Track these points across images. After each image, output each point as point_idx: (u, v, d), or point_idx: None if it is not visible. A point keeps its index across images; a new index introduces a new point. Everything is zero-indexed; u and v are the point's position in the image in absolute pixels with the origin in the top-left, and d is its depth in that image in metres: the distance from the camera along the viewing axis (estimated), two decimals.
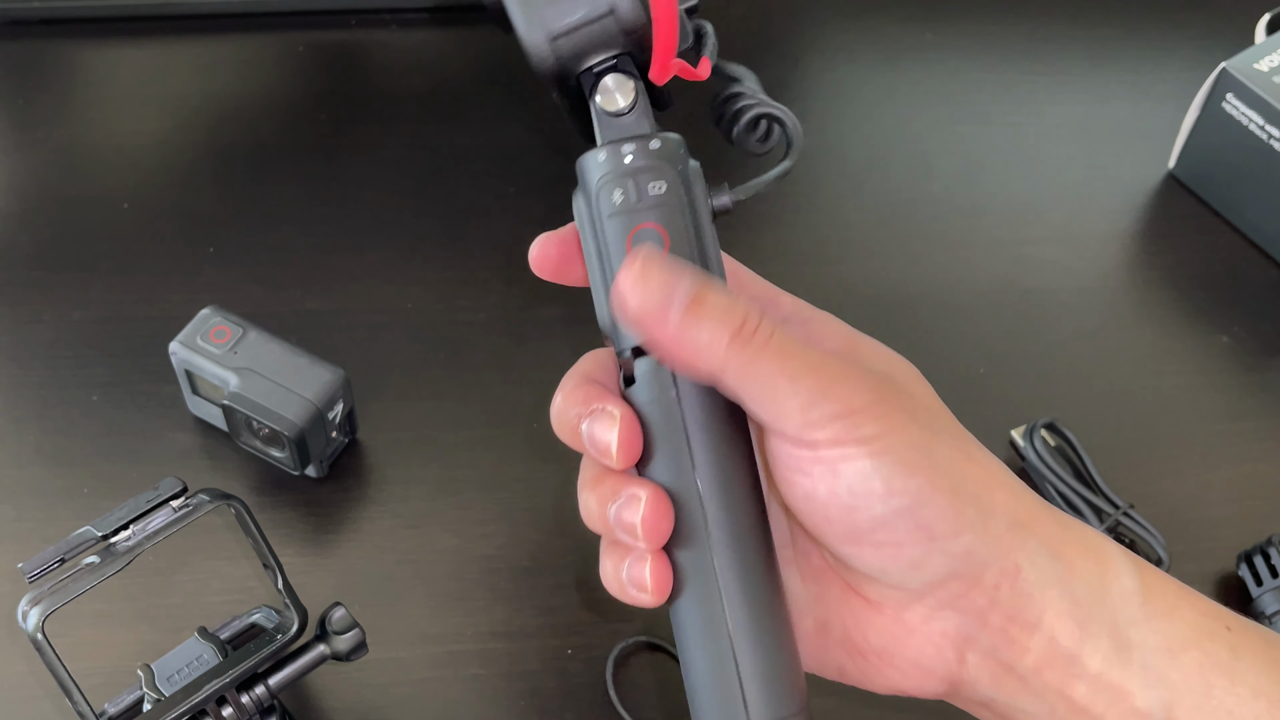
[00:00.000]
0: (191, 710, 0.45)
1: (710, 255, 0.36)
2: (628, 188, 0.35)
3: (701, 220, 0.36)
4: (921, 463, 0.33)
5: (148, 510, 0.44)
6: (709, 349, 0.33)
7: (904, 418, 0.33)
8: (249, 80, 0.73)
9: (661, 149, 0.35)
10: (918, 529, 0.33)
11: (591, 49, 0.36)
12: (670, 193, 0.35)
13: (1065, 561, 0.34)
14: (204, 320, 0.56)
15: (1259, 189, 0.67)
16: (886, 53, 0.77)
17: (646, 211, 0.35)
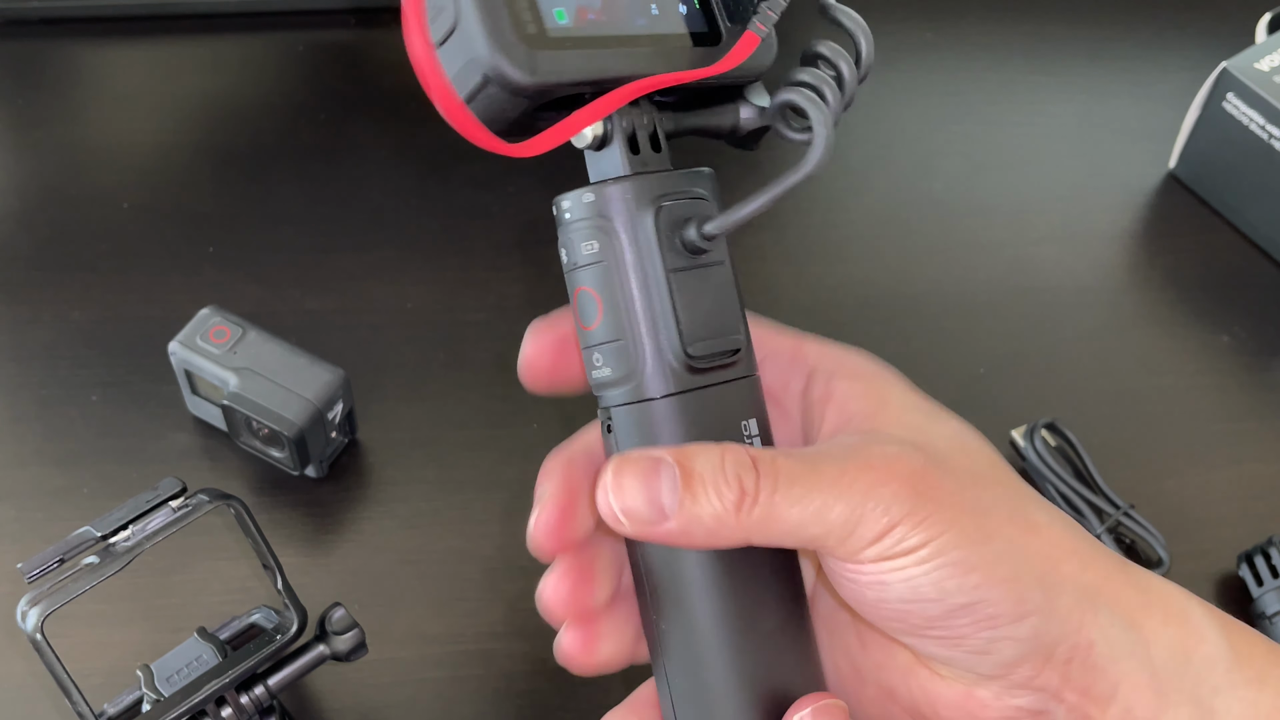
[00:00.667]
0: (191, 710, 0.45)
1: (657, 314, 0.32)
2: (567, 246, 0.33)
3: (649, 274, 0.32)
4: (975, 559, 0.31)
5: (147, 510, 0.44)
6: (721, 528, 0.31)
7: (950, 512, 0.31)
8: (249, 80, 0.73)
9: (594, 201, 0.32)
10: (978, 622, 0.31)
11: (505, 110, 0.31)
12: (602, 251, 0.32)
13: (1142, 629, 0.32)
14: (203, 320, 0.56)
15: (1259, 189, 0.67)
16: (886, 53, 0.77)
17: (580, 272, 0.33)
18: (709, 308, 0.33)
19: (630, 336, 0.32)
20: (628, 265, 0.32)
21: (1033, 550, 0.32)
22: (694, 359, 0.32)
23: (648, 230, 0.32)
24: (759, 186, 0.31)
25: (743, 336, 0.34)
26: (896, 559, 0.31)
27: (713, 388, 0.33)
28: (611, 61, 0.32)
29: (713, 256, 0.33)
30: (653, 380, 0.32)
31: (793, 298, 0.66)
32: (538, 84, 0.30)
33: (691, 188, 0.33)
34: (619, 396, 0.33)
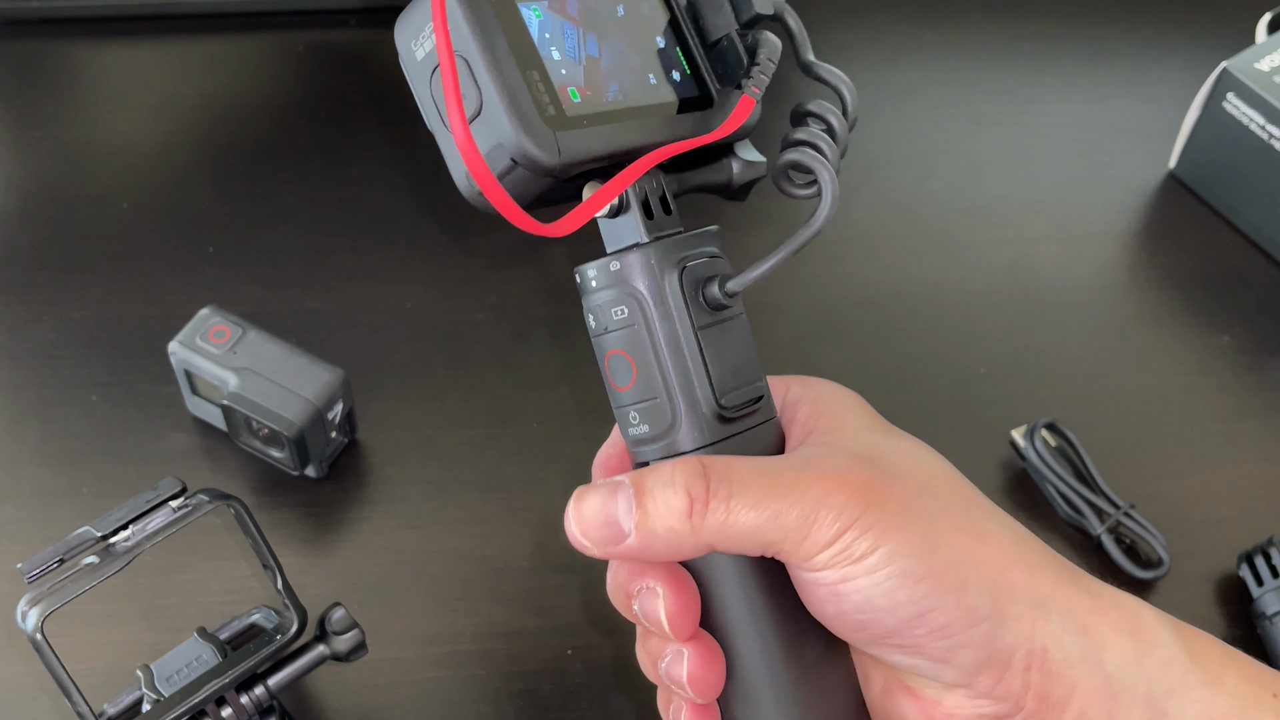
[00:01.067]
0: (191, 711, 0.45)
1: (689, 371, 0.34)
2: (596, 313, 0.35)
3: (678, 334, 0.34)
4: (923, 567, 0.32)
5: (147, 510, 0.44)
6: (676, 537, 0.33)
7: (898, 518, 0.33)
8: (249, 80, 0.73)
9: (620, 270, 0.34)
10: (932, 632, 0.32)
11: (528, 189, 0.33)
12: (632, 315, 0.34)
13: (1094, 634, 0.33)
14: (203, 320, 0.56)
15: (1259, 189, 0.67)
16: (886, 53, 0.77)
17: (611, 337, 0.35)
18: (735, 359, 0.35)
19: (665, 394, 0.34)
20: (658, 327, 0.34)
21: (981, 558, 0.33)
22: (726, 410, 0.34)
23: (675, 292, 0.34)
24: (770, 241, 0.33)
25: (764, 383, 0.36)
26: (848, 567, 0.32)
27: (742, 434, 0.35)
28: (626, 135, 0.34)
29: (733, 310, 0.35)
30: (689, 433, 0.34)
31: (793, 297, 0.66)
32: (563, 163, 0.32)
33: (706, 246, 0.35)
34: (656, 451, 0.35)
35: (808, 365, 0.63)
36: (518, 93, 0.32)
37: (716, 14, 0.36)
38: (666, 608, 0.34)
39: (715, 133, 0.35)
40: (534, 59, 0.33)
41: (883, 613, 0.32)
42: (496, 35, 0.32)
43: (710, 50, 0.37)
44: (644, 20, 0.36)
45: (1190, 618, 0.56)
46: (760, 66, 0.35)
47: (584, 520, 0.34)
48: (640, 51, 0.35)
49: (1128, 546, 0.57)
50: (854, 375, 0.63)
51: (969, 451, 0.60)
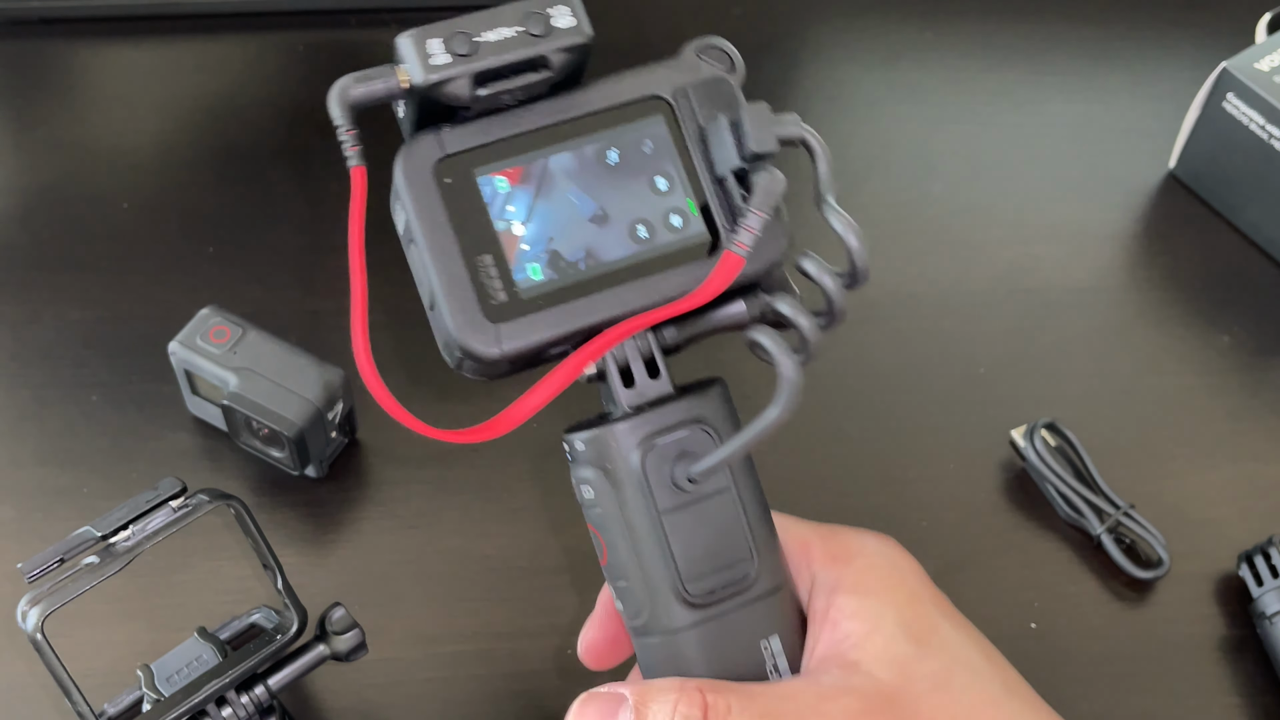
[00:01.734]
0: (191, 710, 0.45)
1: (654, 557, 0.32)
2: (575, 487, 0.34)
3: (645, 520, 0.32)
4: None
5: (147, 510, 0.44)
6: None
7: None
8: (249, 80, 0.73)
9: (587, 448, 0.33)
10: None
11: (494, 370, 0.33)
12: (598, 498, 0.33)
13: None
14: (203, 320, 0.56)
15: (1259, 189, 0.67)
16: (886, 52, 0.77)
17: (587, 513, 0.34)
18: (709, 543, 0.32)
19: (631, 579, 0.33)
20: (620, 510, 0.32)
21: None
22: (694, 597, 0.32)
23: (635, 475, 0.32)
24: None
25: (753, 563, 0.33)
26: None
27: (727, 616, 0.33)
28: (585, 310, 0.32)
29: (711, 487, 0.33)
30: (661, 616, 0.33)
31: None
32: (506, 356, 0.32)
33: (691, 416, 0.33)
34: (636, 628, 0.34)
35: (807, 365, 0.63)
36: (459, 285, 0.32)
37: (720, 147, 0.33)
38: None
39: (693, 298, 0.32)
40: (488, 240, 0.32)
41: None
42: (442, 223, 0.32)
43: (720, 186, 0.34)
44: (643, 160, 0.33)
45: (1190, 618, 0.56)
46: (747, 217, 0.32)
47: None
48: (634, 201, 0.33)
49: (1127, 546, 0.57)
50: (854, 375, 0.63)
51: (969, 451, 0.60)
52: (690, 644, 0.33)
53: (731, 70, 0.34)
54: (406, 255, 0.35)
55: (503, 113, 0.33)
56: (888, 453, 0.60)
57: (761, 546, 0.33)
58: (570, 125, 0.33)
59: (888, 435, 0.61)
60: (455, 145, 0.33)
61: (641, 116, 0.33)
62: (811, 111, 0.74)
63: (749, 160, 0.32)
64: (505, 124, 0.33)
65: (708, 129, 0.33)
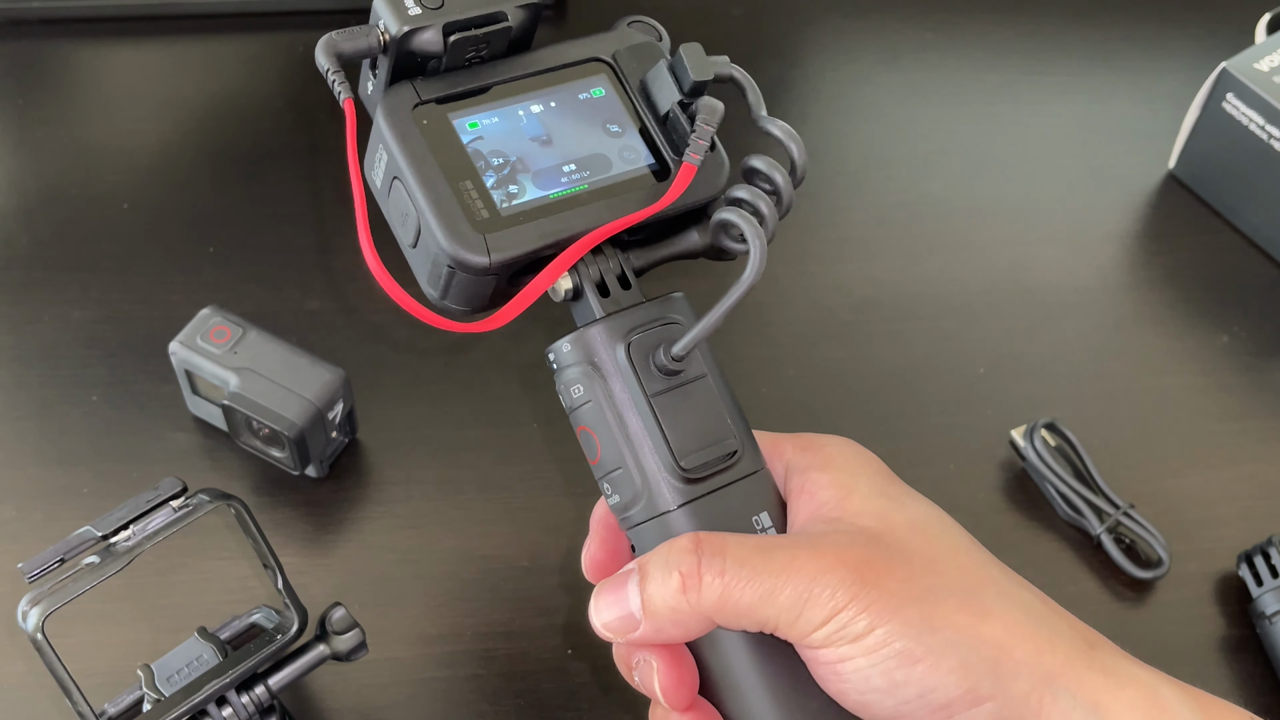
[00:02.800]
0: (191, 710, 0.45)
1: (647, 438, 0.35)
2: (562, 392, 0.36)
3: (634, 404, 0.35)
4: (920, 649, 0.32)
5: (148, 510, 0.44)
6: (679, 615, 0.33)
7: (897, 600, 0.33)
8: (249, 80, 0.73)
9: (571, 351, 0.36)
10: (934, 711, 0.33)
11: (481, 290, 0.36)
12: (588, 391, 0.35)
13: (1106, 712, 0.33)
14: (204, 320, 0.56)
15: (1259, 189, 0.67)
16: (887, 52, 0.77)
17: (576, 413, 0.36)
18: (696, 421, 0.35)
19: (627, 463, 0.35)
20: (613, 399, 0.35)
21: (983, 638, 0.33)
22: (688, 471, 0.35)
23: (622, 363, 0.35)
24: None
25: (737, 440, 0.36)
26: (843, 646, 0.32)
27: (718, 491, 0.35)
28: (565, 224, 0.36)
29: (691, 373, 0.36)
30: (657, 498, 0.35)
31: (793, 298, 0.66)
32: (496, 262, 0.35)
33: (663, 315, 0.36)
34: (632, 518, 0.36)
35: (808, 365, 0.63)
36: (445, 203, 0.35)
37: (662, 89, 0.38)
38: (661, 680, 0.35)
39: (656, 204, 0.36)
40: (466, 169, 0.36)
41: (881, 693, 0.33)
42: (424, 154, 0.35)
43: (663, 125, 0.38)
44: (594, 108, 0.38)
45: (1190, 618, 0.56)
46: (697, 132, 0.36)
47: (602, 614, 0.35)
48: (590, 139, 0.37)
49: (1127, 546, 0.57)
50: (854, 375, 0.63)
51: (969, 451, 0.60)
52: (684, 522, 0.35)
53: (659, 40, 0.39)
54: (384, 205, 0.37)
55: (467, 68, 0.37)
56: (888, 453, 0.59)
57: (741, 430, 0.36)
58: (529, 79, 0.38)
59: (888, 435, 0.61)
60: (429, 93, 0.36)
61: (590, 74, 0.38)
62: (811, 111, 0.74)
63: (689, 93, 0.37)
64: (471, 76, 0.37)
65: (648, 77, 0.38)
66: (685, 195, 0.36)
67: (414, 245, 0.37)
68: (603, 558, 0.40)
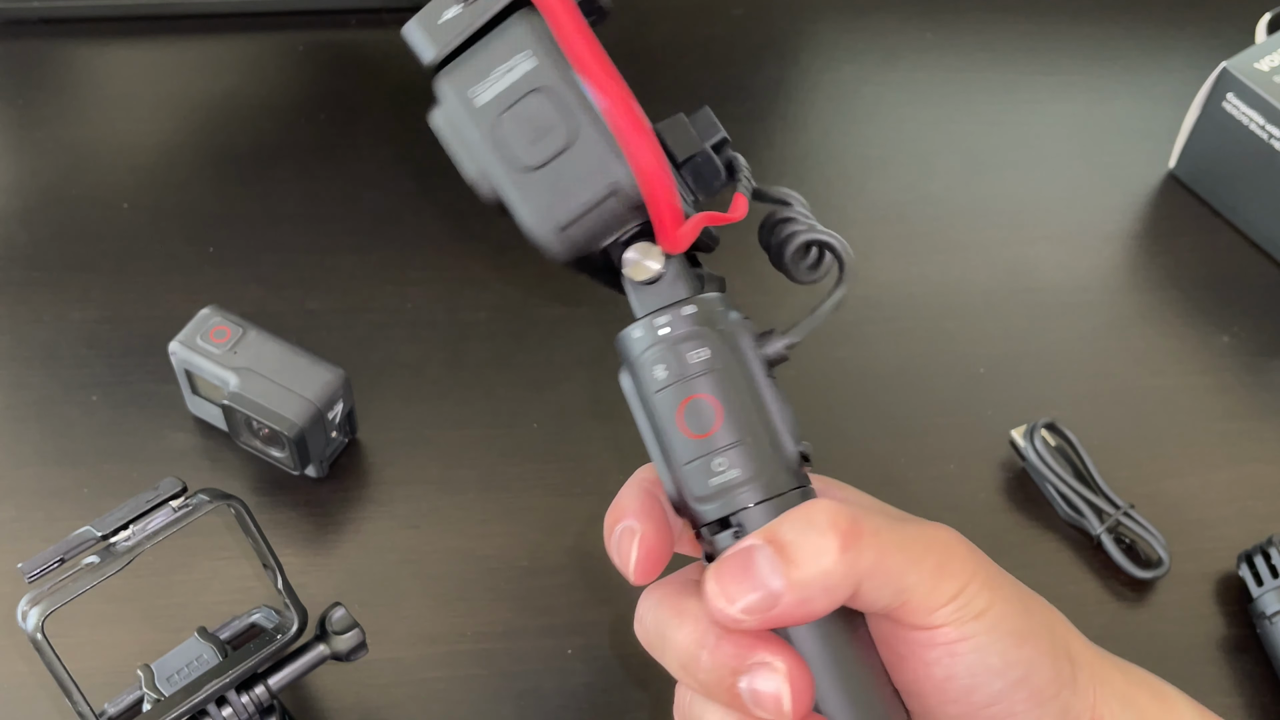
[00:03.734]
0: (191, 710, 0.45)
1: (771, 411, 0.33)
2: (669, 361, 0.33)
3: (755, 376, 0.34)
4: (1026, 629, 0.33)
5: (147, 510, 0.44)
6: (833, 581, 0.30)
7: (1000, 579, 0.33)
8: (249, 80, 0.73)
9: (698, 313, 0.33)
10: (1030, 696, 0.33)
11: (605, 230, 0.33)
12: (715, 358, 0.33)
13: (1135, 705, 0.35)
14: (204, 320, 0.56)
15: (1259, 189, 0.67)
16: (887, 52, 0.77)
17: (693, 382, 0.33)
18: (791, 411, 0.34)
19: (755, 436, 0.33)
20: (742, 365, 0.34)
21: (1055, 626, 0.34)
22: (805, 455, 0.34)
23: (748, 337, 0.34)
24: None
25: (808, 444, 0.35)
26: (966, 624, 0.32)
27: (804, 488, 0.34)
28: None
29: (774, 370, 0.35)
30: (782, 474, 0.33)
31: (793, 298, 0.66)
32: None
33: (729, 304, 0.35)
34: (748, 497, 0.33)
35: (808, 365, 0.63)
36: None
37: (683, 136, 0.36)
38: (792, 683, 0.31)
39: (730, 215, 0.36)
40: None
41: (994, 674, 0.32)
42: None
43: (681, 168, 0.36)
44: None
45: (1190, 618, 0.56)
46: (741, 184, 0.37)
47: (733, 595, 0.30)
48: None
49: (1127, 546, 0.57)
50: (854, 375, 0.63)
51: (969, 451, 0.60)
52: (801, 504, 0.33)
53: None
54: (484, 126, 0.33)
55: None
56: (888, 453, 0.60)
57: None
58: None
59: (888, 435, 0.61)
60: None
61: None
62: (811, 111, 0.74)
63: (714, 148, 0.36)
64: None
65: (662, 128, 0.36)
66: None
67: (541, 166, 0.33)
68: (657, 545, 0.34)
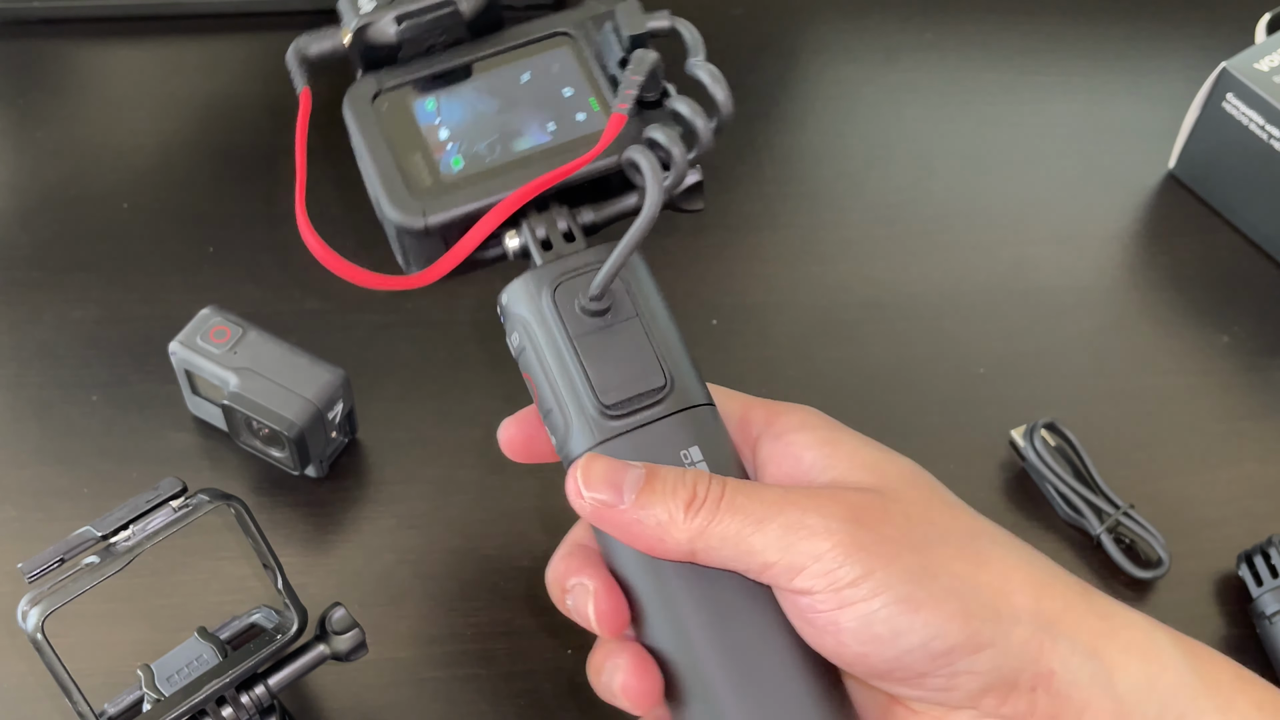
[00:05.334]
0: (191, 710, 0.45)
1: (573, 373, 0.36)
2: (509, 342, 0.38)
3: (561, 343, 0.36)
4: (920, 594, 0.32)
5: (147, 510, 0.44)
6: (670, 527, 0.33)
7: (892, 546, 0.32)
8: (249, 80, 0.73)
9: (510, 299, 0.37)
10: (935, 659, 0.32)
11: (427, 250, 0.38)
12: (523, 339, 0.37)
13: (1104, 657, 0.33)
14: (204, 320, 0.56)
15: (1259, 189, 0.67)
16: (886, 52, 0.77)
17: (519, 361, 0.37)
18: (620, 359, 0.36)
19: (556, 403, 0.36)
20: (541, 344, 0.36)
21: (982, 584, 0.33)
22: (609, 407, 0.36)
23: (547, 308, 0.36)
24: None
25: (663, 375, 0.36)
26: (844, 591, 0.32)
27: (647, 426, 0.36)
28: (500, 185, 0.37)
29: (620, 315, 0.37)
30: (583, 433, 0.36)
31: (792, 298, 0.66)
32: (433, 225, 0.37)
33: (595, 259, 0.37)
34: (568, 455, 0.36)
35: (808, 365, 0.63)
36: (390, 175, 0.38)
37: (609, 52, 0.39)
38: (596, 604, 0.35)
39: (585, 157, 0.37)
40: (417, 144, 0.38)
41: (883, 642, 0.32)
42: (375, 136, 0.38)
43: (613, 84, 0.39)
44: (551, 78, 0.39)
45: (1190, 617, 0.56)
46: (624, 83, 0.37)
47: (590, 475, 0.34)
48: (544, 107, 0.39)
49: (1127, 546, 0.57)
50: (854, 375, 0.63)
51: (969, 451, 0.60)
52: (614, 454, 0.35)
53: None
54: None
55: (430, 54, 0.39)
56: None
57: (674, 368, 0.36)
58: (489, 58, 0.39)
59: (888, 435, 0.60)
60: (391, 81, 0.39)
61: (551, 47, 0.39)
62: (811, 111, 0.74)
63: (628, 49, 0.38)
64: (433, 61, 0.39)
65: (598, 41, 0.39)
66: (614, 144, 0.37)
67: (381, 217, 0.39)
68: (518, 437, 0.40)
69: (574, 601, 0.36)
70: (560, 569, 0.37)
